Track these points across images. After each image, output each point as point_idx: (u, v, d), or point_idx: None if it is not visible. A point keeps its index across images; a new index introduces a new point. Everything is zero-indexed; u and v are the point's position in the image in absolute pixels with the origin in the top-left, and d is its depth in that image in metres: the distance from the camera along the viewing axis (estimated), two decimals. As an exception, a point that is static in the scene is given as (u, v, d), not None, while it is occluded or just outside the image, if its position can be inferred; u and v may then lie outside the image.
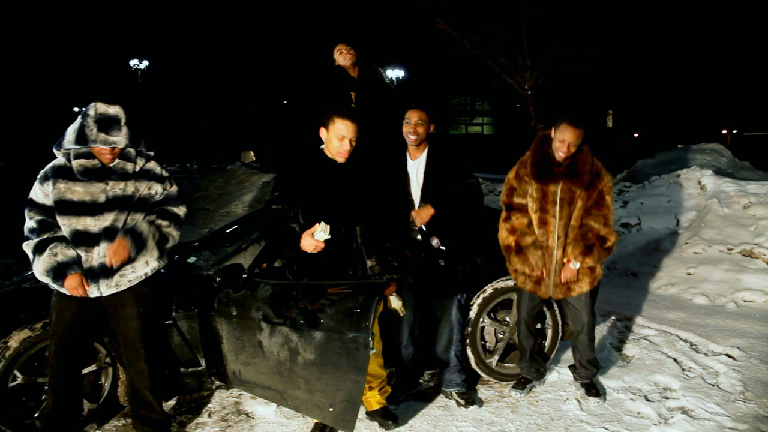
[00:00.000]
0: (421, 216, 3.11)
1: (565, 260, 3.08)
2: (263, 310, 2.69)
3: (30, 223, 2.56)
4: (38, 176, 2.59)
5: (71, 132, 2.53)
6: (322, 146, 2.80)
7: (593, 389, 3.28)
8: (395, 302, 2.81)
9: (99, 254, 2.56)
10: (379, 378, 2.88)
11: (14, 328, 2.80)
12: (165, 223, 2.69)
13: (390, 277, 2.73)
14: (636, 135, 31.31)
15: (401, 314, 2.88)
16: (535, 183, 3.07)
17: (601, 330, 4.34)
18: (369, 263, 2.75)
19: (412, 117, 3.11)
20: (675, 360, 3.79)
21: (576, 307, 3.21)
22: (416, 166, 3.20)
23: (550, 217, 3.06)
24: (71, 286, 2.51)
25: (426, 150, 3.20)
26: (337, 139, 2.68)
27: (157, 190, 2.69)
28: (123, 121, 2.54)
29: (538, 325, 3.49)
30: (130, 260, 2.60)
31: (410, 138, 3.13)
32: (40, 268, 2.51)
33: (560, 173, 3.03)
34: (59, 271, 2.50)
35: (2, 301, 3.04)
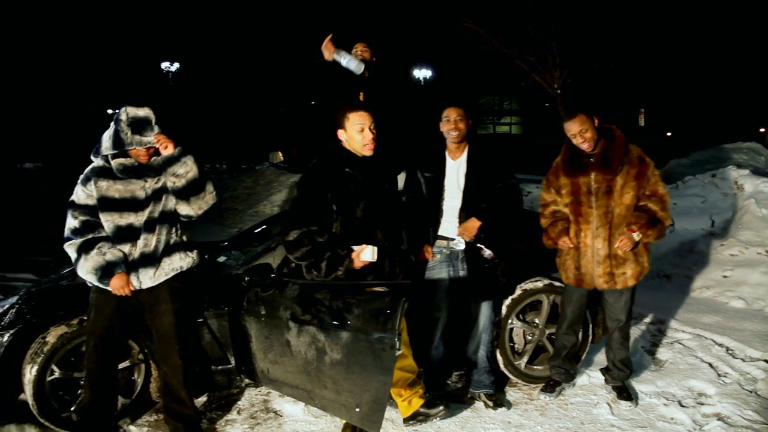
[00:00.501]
0: (469, 230, 3.05)
1: (627, 229, 3.00)
2: (291, 309, 2.71)
3: (73, 223, 2.64)
4: (79, 179, 2.69)
5: (107, 138, 2.62)
6: (345, 145, 2.75)
7: (625, 393, 3.22)
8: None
9: (141, 247, 2.65)
10: (413, 372, 2.77)
11: (52, 324, 2.89)
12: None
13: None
14: (669, 134, 30.61)
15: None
16: (566, 178, 3.11)
17: (633, 333, 4.24)
18: (395, 262, 2.75)
19: (451, 114, 3.08)
20: (710, 365, 3.69)
21: (614, 304, 3.15)
22: (457, 167, 3.14)
23: (585, 208, 3.05)
24: (118, 286, 2.60)
25: (467, 149, 3.16)
26: (358, 132, 2.65)
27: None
28: (154, 120, 2.63)
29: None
30: (169, 252, 2.69)
31: (452, 135, 3.09)
32: (88, 266, 2.59)
33: (591, 164, 3.03)
34: (107, 270, 2.59)
35: (40, 298, 3.13)
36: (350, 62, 3.76)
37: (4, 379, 2.85)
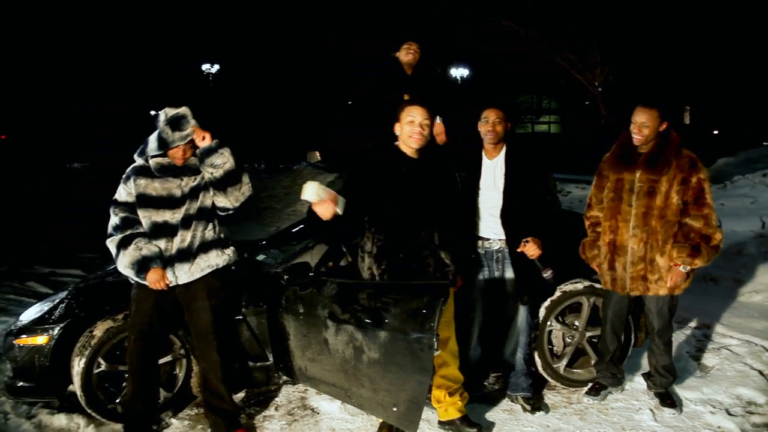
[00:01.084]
0: (532, 252, 2.96)
1: (672, 264, 2.93)
2: (329, 308, 2.73)
3: (114, 220, 2.74)
4: (122, 178, 2.79)
5: (153, 140, 2.71)
6: (397, 143, 2.77)
7: (668, 399, 3.13)
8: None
9: (177, 243, 2.72)
10: (457, 382, 2.80)
11: (99, 319, 2.99)
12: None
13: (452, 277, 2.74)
14: (715, 132, 29.57)
15: None
16: (612, 174, 3.05)
17: (677, 338, 4.12)
18: (445, 263, 2.74)
19: (490, 116, 3.03)
20: (760, 372, 3.55)
21: (653, 311, 3.08)
22: (493, 167, 3.11)
23: (624, 206, 2.98)
24: (154, 280, 2.68)
25: (504, 149, 3.11)
26: (407, 123, 2.67)
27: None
28: (190, 116, 2.70)
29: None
30: (206, 249, 2.74)
31: (488, 137, 3.05)
32: (125, 261, 2.68)
33: (638, 162, 2.96)
34: (143, 264, 2.67)
35: (88, 293, 3.25)
36: None
37: (55, 370, 2.96)
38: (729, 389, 3.34)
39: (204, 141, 2.69)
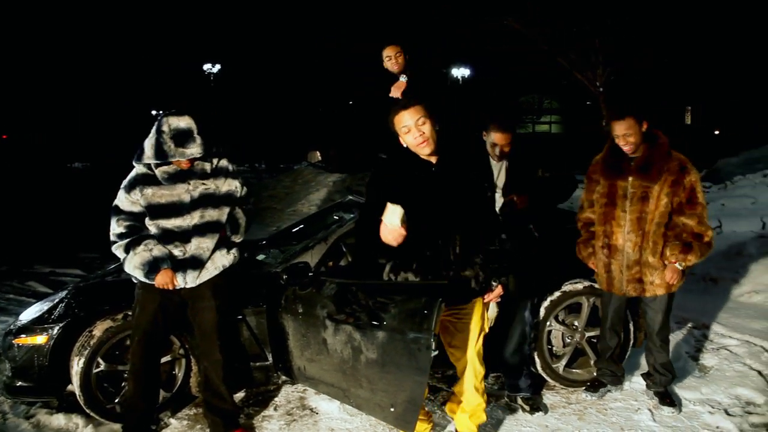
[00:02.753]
0: (521, 200, 3.10)
1: (667, 262, 2.98)
2: (328, 308, 2.73)
3: (118, 228, 2.73)
4: (122, 185, 2.76)
5: (149, 147, 2.67)
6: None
7: (667, 399, 3.13)
8: (493, 310, 2.63)
9: (192, 249, 2.72)
10: (475, 403, 2.55)
11: (98, 319, 2.99)
12: (245, 218, 2.94)
13: (497, 281, 2.50)
14: (716, 132, 29.53)
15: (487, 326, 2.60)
16: (603, 180, 3.07)
17: (676, 338, 4.12)
18: (469, 272, 2.46)
19: (499, 140, 3.15)
20: (759, 373, 3.54)
21: (651, 309, 3.11)
22: (498, 167, 3.21)
23: (618, 212, 3.01)
24: (163, 281, 2.68)
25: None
26: (405, 134, 2.43)
27: (236, 185, 2.84)
28: (196, 131, 2.67)
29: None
30: (216, 252, 2.77)
31: (495, 154, 3.18)
32: (135, 261, 2.67)
33: (631, 169, 2.98)
34: (154, 265, 2.67)
35: (87, 293, 3.25)
36: None
37: (53, 370, 2.97)
38: (728, 389, 3.34)
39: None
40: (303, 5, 26.08)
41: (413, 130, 2.39)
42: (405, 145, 2.45)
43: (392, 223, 2.26)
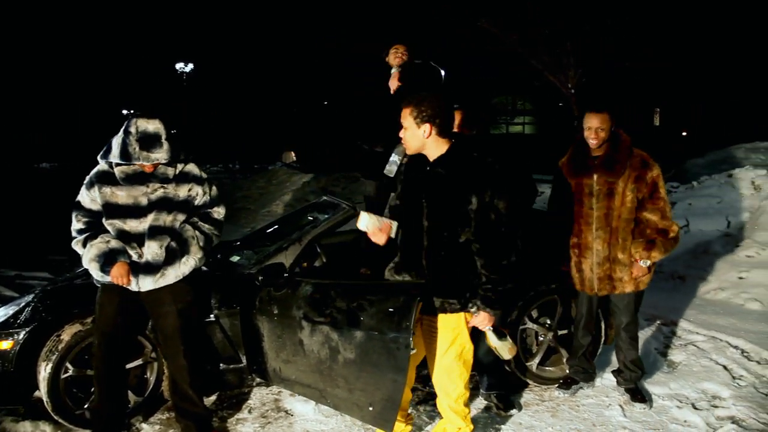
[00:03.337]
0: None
1: (632, 259, 3.06)
2: (304, 308, 2.72)
3: (77, 224, 2.69)
4: (84, 182, 2.72)
5: (116, 146, 2.63)
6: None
7: (638, 395, 3.19)
8: (494, 340, 2.41)
9: (146, 253, 2.66)
10: (455, 425, 2.47)
11: (67, 323, 2.93)
12: (207, 226, 2.81)
13: (484, 308, 2.32)
14: (684, 133, 30.24)
15: (503, 356, 2.50)
16: (570, 179, 3.14)
17: (646, 334, 4.21)
18: (435, 288, 2.34)
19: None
20: (725, 367, 3.64)
21: (619, 307, 3.18)
22: None
23: (586, 210, 3.08)
24: (118, 274, 2.61)
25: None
26: (404, 130, 2.39)
27: (197, 192, 2.78)
28: (163, 136, 2.63)
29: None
30: (172, 260, 2.68)
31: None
32: (91, 253, 2.62)
33: (595, 166, 3.05)
34: (110, 256, 2.61)
35: (55, 296, 3.17)
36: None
37: (20, 376, 2.89)
38: (695, 384, 3.42)
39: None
40: (277, 3, 25.91)
41: (404, 130, 2.40)
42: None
43: (365, 229, 2.36)
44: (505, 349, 2.44)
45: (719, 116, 26.17)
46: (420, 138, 2.34)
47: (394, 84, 3.77)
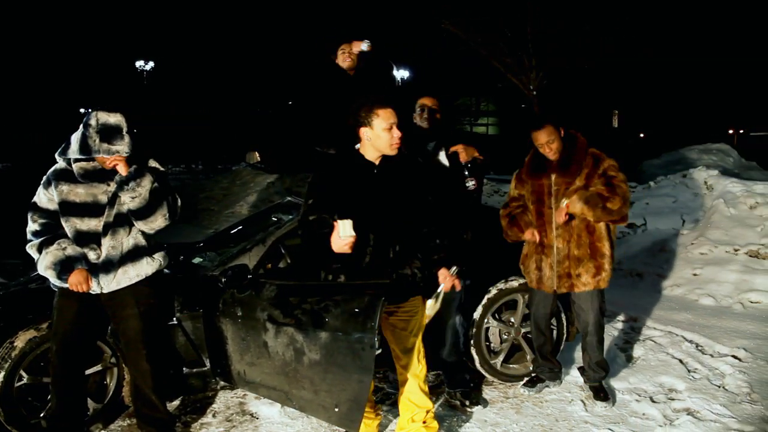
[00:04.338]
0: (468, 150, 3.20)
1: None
2: (268, 310, 2.69)
3: (33, 226, 2.60)
4: (42, 181, 2.63)
5: (75, 141, 2.55)
6: (357, 146, 2.54)
7: (601, 393, 3.26)
8: (432, 307, 2.63)
9: (102, 251, 2.59)
10: (423, 408, 2.58)
11: (20, 329, 2.81)
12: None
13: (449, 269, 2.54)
14: (641, 135, 31.18)
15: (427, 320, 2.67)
16: (530, 180, 3.21)
17: (607, 331, 4.29)
18: (408, 270, 2.49)
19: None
20: (680, 361, 3.77)
21: (581, 306, 3.22)
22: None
23: (546, 209, 3.15)
24: (77, 281, 2.54)
25: None
26: (385, 130, 2.43)
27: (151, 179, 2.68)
28: (125, 129, 2.55)
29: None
30: (134, 258, 2.62)
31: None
32: (47, 261, 2.54)
33: (552, 167, 3.13)
34: (67, 264, 2.54)
35: (9, 301, 3.06)
36: None
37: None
38: (653, 378, 3.53)
39: (118, 169, 2.55)
40: (241, 2, 25.59)
41: (395, 130, 2.44)
42: (364, 137, 2.46)
43: (347, 235, 2.31)
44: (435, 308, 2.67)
45: (675, 119, 27.05)
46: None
47: (356, 48, 3.79)
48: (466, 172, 3.17)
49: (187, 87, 28.62)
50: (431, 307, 2.66)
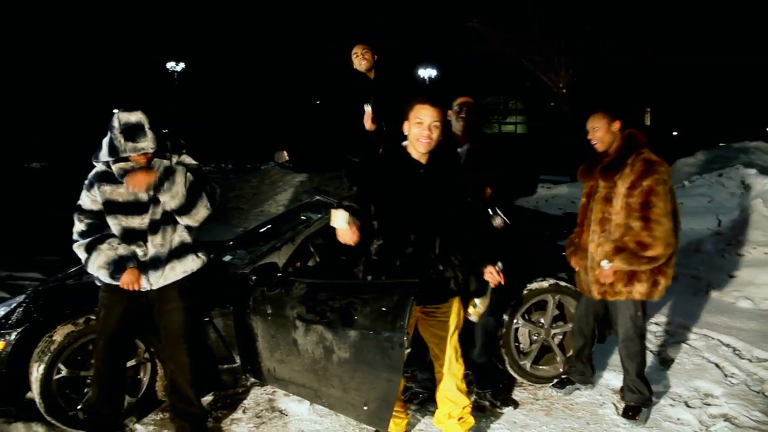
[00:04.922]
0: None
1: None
2: (298, 308, 2.71)
3: (80, 226, 2.67)
4: (84, 184, 2.70)
5: (105, 145, 2.62)
6: (406, 143, 2.53)
7: (630, 412, 3.01)
8: (481, 304, 2.69)
9: (150, 248, 2.66)
10: (460, 405, 2.59)
11: (59, 323, 2.90)
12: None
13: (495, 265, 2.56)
14: (675, 133, 30.46)
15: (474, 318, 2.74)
16: (583, 180, 3.19)
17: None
18: (449, 272, 2.51)
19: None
20: (717, 365, 3.67)
21: (616, 316, 3.09)
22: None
23: (587, 212, 3.10)
24: (129, 281, 2.61)
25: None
26: (415, 124, 2.44)
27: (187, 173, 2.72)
28: (147, 126, 2.58)
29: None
30: (180, 255, 2.68)
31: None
32: (99, 260, 2.60)
33: (598, 168, 3.03)
34: (120, 264, 2.60)
35: (47, 296, 3.15)
36: None
37: (11, 377, 2.86)
38: (688, 382, 3.45)
39: (138, 188, 2.58)
40: (271, 2, 25.86)
41: (425, 128, 2.43)
42: (406, 132, 2.49)
43: (340, 227, 2.32)
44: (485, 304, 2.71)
45: (710, 116, 26.38)
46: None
47: (368, 124, 3.74)
48: (490, 210, 3.08)
49: (217, 87, 29.05)
50: (482, 303, 2.69)
